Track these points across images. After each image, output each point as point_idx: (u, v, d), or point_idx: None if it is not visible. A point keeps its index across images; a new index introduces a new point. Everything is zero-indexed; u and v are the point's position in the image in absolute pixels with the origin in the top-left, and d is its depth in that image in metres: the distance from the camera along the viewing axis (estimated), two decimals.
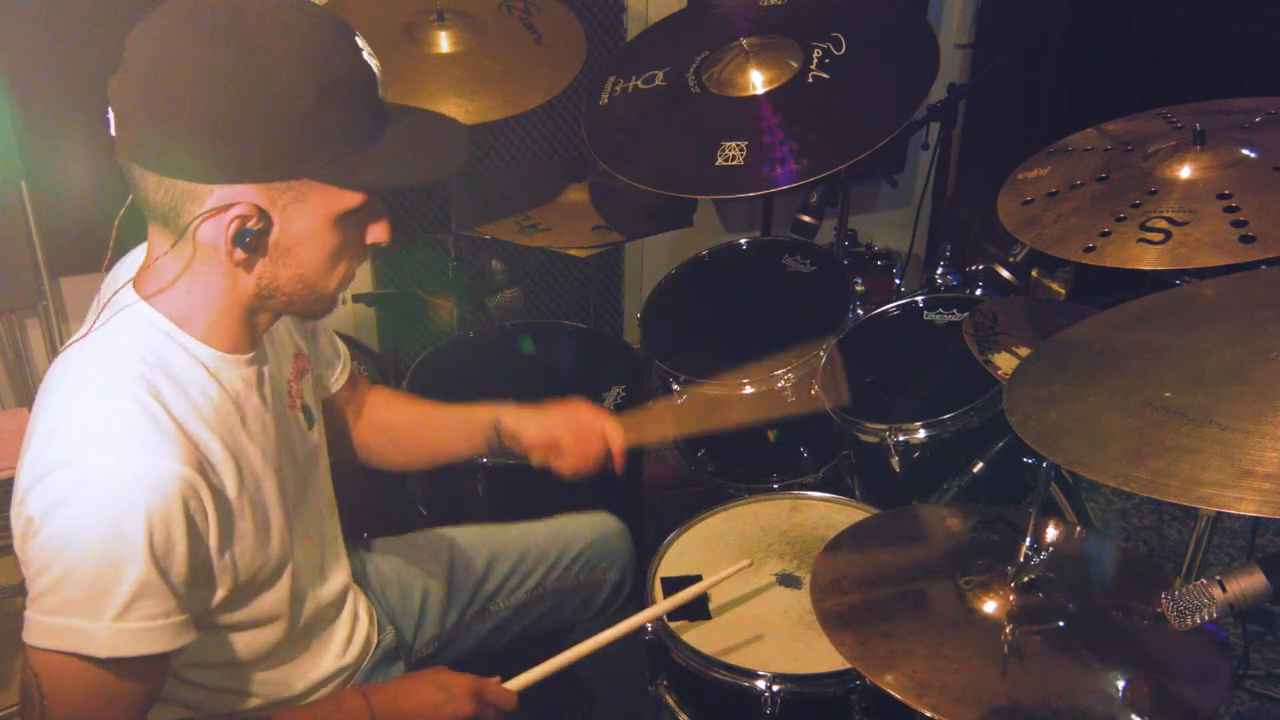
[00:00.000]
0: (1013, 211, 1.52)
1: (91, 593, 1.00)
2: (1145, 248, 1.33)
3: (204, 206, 1.01)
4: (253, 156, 1.00)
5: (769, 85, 1.99)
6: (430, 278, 2.53)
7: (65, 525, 0.99)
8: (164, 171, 1.01)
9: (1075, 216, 1.44)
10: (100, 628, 1.00)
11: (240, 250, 1.04)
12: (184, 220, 1.02)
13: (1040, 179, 1.57)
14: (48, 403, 1.06)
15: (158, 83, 0.98)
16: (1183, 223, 1.34)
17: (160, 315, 1.08)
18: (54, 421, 1.03)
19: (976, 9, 3.22)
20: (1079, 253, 1.38)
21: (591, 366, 2.22)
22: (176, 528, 1.03)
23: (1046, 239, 1.44)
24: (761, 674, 1.43)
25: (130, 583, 1.00)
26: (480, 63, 2.09)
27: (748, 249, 2.32)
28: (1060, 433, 1.09)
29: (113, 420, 1.02)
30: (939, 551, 1.39)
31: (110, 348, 1.07)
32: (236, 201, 1.01)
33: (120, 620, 1.01)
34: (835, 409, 1.88)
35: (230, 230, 1.02)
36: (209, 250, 1.04)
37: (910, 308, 2.07)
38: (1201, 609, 1.00)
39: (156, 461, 1.02)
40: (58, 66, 2.26)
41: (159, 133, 0.99)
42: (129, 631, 1.02)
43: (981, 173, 3.20)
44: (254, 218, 1.03)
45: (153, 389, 1.05)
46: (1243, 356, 1.07)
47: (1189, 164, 1.41)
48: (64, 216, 2.34)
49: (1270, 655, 2.22)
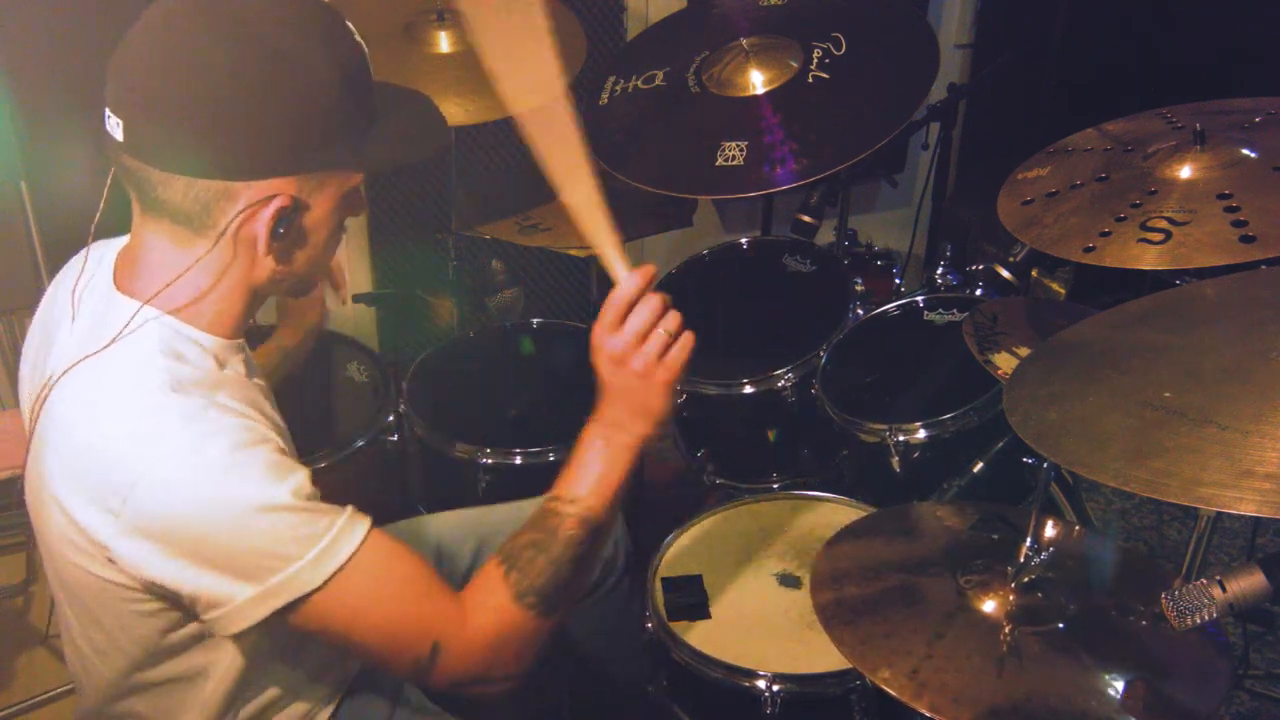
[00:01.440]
0: (1013, 211, 1.52)
1: (263, 552, 1.00)
2: (1145, 248, 1.33)
3: (239, 204, 1.03)
4: (289, 150, 1.02)
5: (769, 85, 1.99)
6: (430, 278, 2.53)
7: (198, 509, 0.99)
8: (193, 173, 1.01)
9: (1075, 216, 1.44)
10: (300, 565, 1.01)
11: (276, 241, 1.06)
12: (216, 218, 1.03)
13: (1040, 179, 1.57)
14: (82, 423, 1.03)
15: (184, 86, 0.99)
16: (1183, 223, 1.33)
17: (163, 313, 1.08)
18: (107, 441, 1.01)
19: (976, 9, 3.22)
20: (1079, 252, 1.38)
21: (591, 366, 2.21)
22: (277, 460, 1.03)
23: (1046, 239, 1.44)
24: (761, 674, 1.44)
25: (284, 524, 1.00)
26: (480, 63, 2.08)
27: (748, 249, 2.32)
28: (1060, 433, 1.09)
29: (168, 413, 1.01)
30: (939, 551, 1.39)
31: (129, 353, 1.05)
32: (275, 194, 1.03)
33: (306, 552, 1.01)
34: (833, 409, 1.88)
35: (270, 223, 1.04)
36: (246, 244, 1.06)
37: (910, 308, 2.08)
38: (1201, 609, 1.00)
39: (224, 424, 1.02)
40: (58, 66, 2.26)
41: (189, 136, 1.00)
42: (321, 552, 1.02)
43: (981, 173, 3.20)
44: (290, 207, 1.05)
45: (181, 382, 1.04)
46: (1243, 356, 1.07)
47: (1189, 164, 1.41)
48: (64, 216, 2.33)
49: (1270, 655, 2.21)
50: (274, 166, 1.02)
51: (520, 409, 2.14)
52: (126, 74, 1.01)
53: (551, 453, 1.94)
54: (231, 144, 1.00)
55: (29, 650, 2.27)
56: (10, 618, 2.36)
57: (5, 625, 2.34)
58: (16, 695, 2.16)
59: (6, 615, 2.36)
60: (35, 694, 2.13)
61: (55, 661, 2.20)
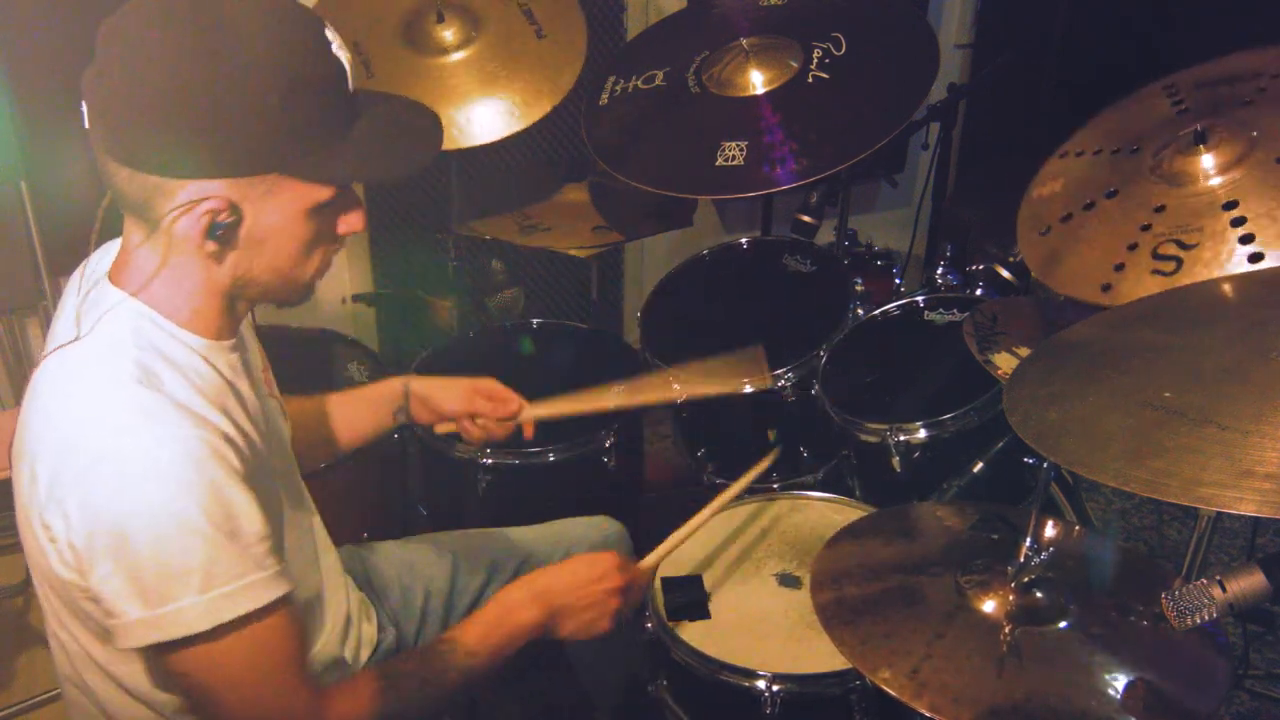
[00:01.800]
0: (1033, 243, 1.53)
1: (171, 574, 0.99)
2: (1160, 279, 1.34)
3: (175, 201, 1.01)
4: (222, 152, 1.00)
5: (769, 85, 1.99)
6: (430, 278, 2.53)
7: (122, 518, 0.98)
8: (135, 166, 1.00)
9: (1088, 247, 1.44)
10: (203, 600, 1.00)
11: (212, 243, 1.04)
12: (156, 214, 1.02)
13: (1054, 196, 1.56)
14: (52, 408, 1.05)
15: (128, 78, 0.98)
16: (1191, 245, 1.34)
17: (145, 307, 1.08)
18: (69, 427, 1.02)
19: (976, 9, 3.22)
20: (1098, 292, 1.38)
21: (591, 366, 2.22)
22: (226, 487, 1.02)
23: (1065, 279, 1.45)
24: (761, 674, 1.43)
25: (201, 554, 0.99)
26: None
27: (748, 249, 2.32)
28: (1060, 433, 1.09)
29: (130, 408, 1.01)
30: (939, 551, 1.39)
31: (103, 344, 1.06)
32: (207, 196, 1.01)
33: (207, 591, 1.00)
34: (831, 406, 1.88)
35: (202, 224, 1.03)
36: (183, 243, 1.05)
37: (910, 308, 2.07)
38: (1201, 609, 1.00)
39: (183, 433, 1.01)
40: (58, 66, 2.25)
41: (130, 128, 0.99)
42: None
43: (981, 173, 3.20)
44: (225, 211, 1.03)
45: (153, 375, 1.04)
46: (1243, 356, 1.07)
47: (1194, 166, 1.41)
48: (64, 216, 2.34)
49: (1270, 655, 2.22)
50: (206, 167, 1.00)
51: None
52: (94, 59, 1.01)
53: (551, 453, 1.94)
54: (163, 140, 0.99)
55: (29, 650, 2.27)
56: (10, 618, 2.36)
57: (5, 625, 2.34)
58: (16, 695, 2.16)
59: (6, 615, 2.36)
60: (35, 694, 2.13)
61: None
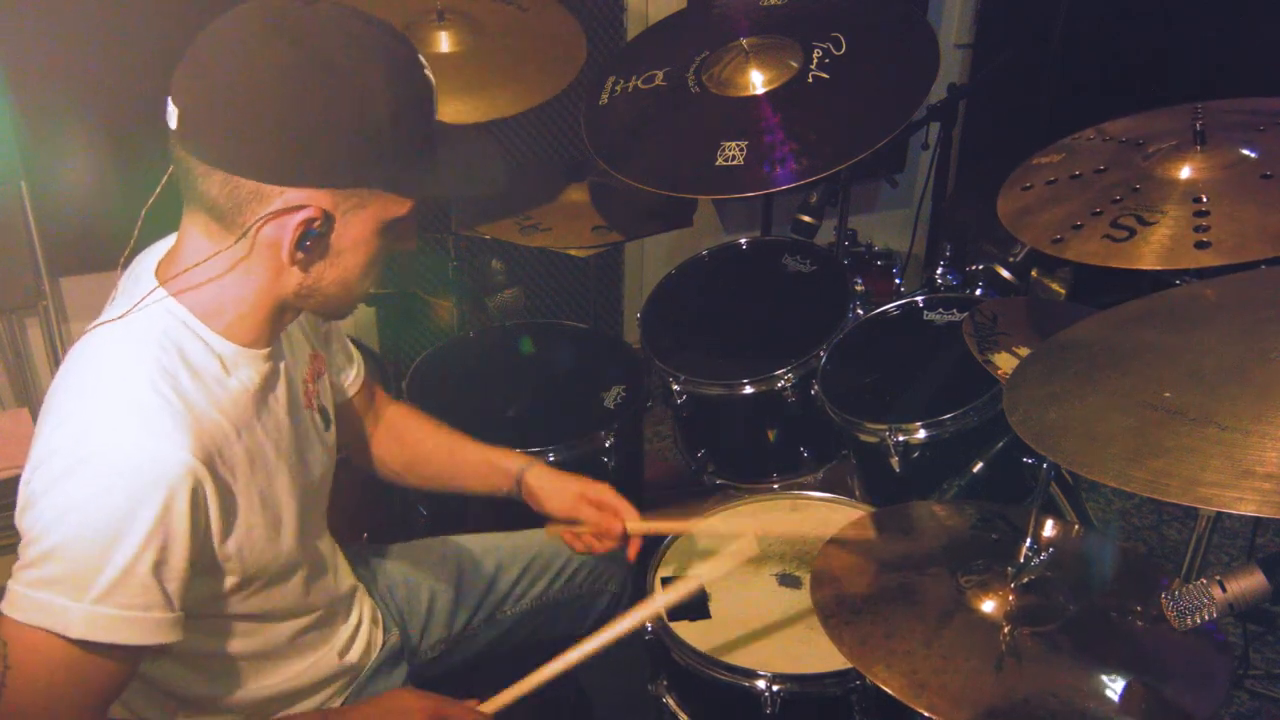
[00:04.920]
0: (1014, 196, 1.54)
1: (76, 571, 1.00)
2: (1107, 244, 1.35)
3: (270, 207, 1.03)
4: (328, 163, 1.02)
5: (769, 85, 1.99)
6: (430, 278, 2.53)
7: (63, 500, 0.99)
8: (232, 169, 1.01)
9: (1060, 206, 1.45)
10: (78, 608, 1.00)
11: (299, 251, 1.06)
12: (245, 217, 1.04)
13: (1050, 165, 1.57)
14: (62, 385, 1.06)
15: (238, 84, 1.00)
16: (1150, 222, 1.35)
17: (183, 308, 1.09)
18: (68, 405, 1.04)
19: (976, 9, 3.22)
20: (1047, 243, 1.40)
21: (591, 366, 2.22)
22: (177, 521, 1.03)
23: (1024, 225, 1.46)
24: (761, 674, 1.43)
25: (117, 567, 1.00)
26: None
27: (748, 249, 2.32)
28: (1060, 433, 1.09)
29: (127, 404, 1.03)
30: (938, 551, 1.39)
31: (129, 336, 1.07)
32: (306, 204, 1.03)
33: (99, 603, 1.00)
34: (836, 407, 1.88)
35: (295, 232, 1.04)
36: (266, 248, 1.06)
37: (910, 308, 2.08)
38: (1201, 609, 1.00)
39: (165, 450, 1.02)
40: (58, 66, 2.26)
41: (234, 132, 1.00)
42: (106, 616, 1.01)
43: (981, 173, 3.19)
44: (320, 220, 1.05)
45: (170, 376, 1.05)
46: (1243, 356, 1.07)
47: (1188, 164, 1.42)
48: (64, 216, 2.34)
49: (1270, 655, 2.22)
50: (310, 176, 1.02)
51: (520, 409, 2.14)
52: (189, 64, 1.02)
53: (551, 453, 1.94)
54: (271, 147, 1.00)
55: None
56: None
57: None
58: None
59: None
60: None
61: None
